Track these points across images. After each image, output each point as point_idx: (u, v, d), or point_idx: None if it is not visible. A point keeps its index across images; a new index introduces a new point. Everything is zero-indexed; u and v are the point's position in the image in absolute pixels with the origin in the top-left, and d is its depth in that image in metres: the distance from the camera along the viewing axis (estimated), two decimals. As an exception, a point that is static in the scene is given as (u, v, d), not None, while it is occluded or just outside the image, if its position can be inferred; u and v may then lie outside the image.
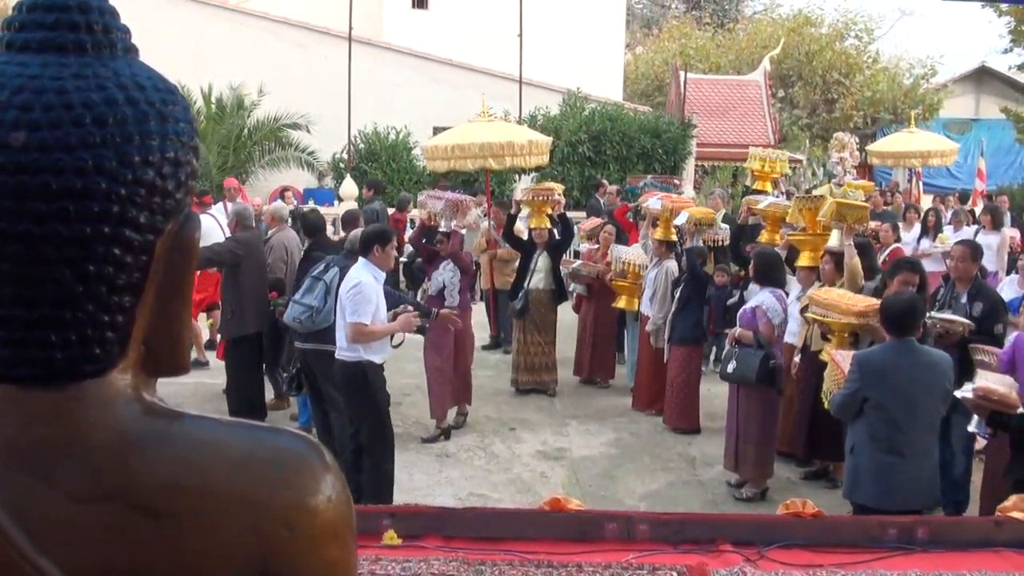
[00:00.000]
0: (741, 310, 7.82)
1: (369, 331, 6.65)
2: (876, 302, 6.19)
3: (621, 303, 10.15)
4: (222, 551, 0.95)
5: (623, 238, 11.36)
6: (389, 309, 6.96)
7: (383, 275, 6.83)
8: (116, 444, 0.95)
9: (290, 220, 10.50)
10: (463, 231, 9.43)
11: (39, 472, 0.93)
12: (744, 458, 7.53)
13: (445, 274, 8.87)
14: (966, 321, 6.86)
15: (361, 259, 6.83)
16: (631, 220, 12.59)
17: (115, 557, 0.92)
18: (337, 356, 6.85)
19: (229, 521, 0.95)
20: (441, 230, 9.13)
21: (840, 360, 5.99)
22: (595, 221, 13.46)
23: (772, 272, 7.74)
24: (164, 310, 1.01)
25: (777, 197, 10.55)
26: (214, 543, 0.94)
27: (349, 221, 9.69)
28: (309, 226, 9.17)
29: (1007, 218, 15.29)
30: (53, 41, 0.94)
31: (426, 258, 9.36)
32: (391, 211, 15.74)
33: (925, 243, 13.13)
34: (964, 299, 7.25)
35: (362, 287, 6.57)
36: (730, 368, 7.48)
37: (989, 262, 12.44)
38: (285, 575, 0.98)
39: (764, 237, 9.23)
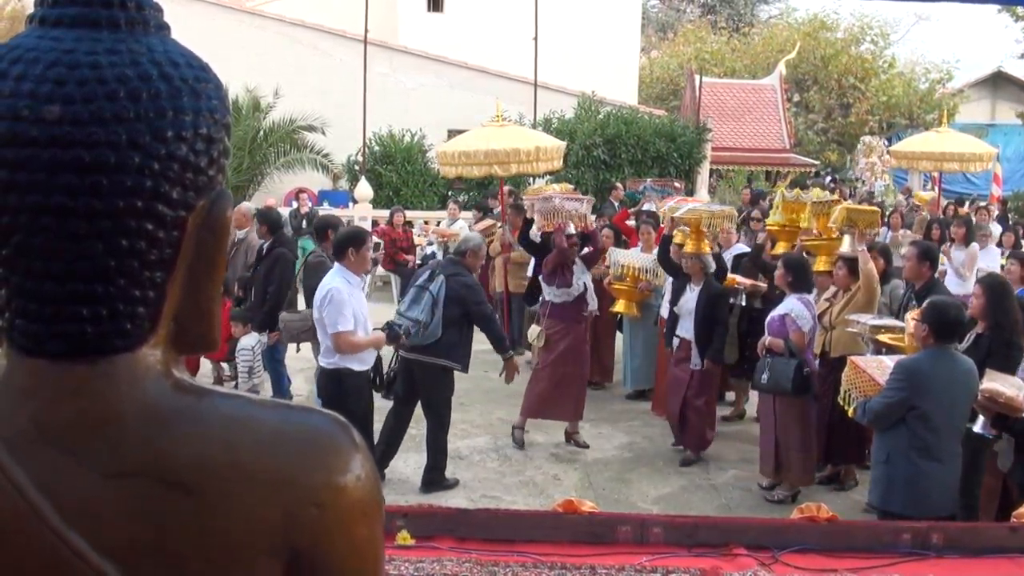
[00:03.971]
0: (769, 317, 7.65)
1: (354, 341, 6.52)
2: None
3: (619, 307, 10.10)
4: (250, 528, 0.95)
5: (623, 244, 11.33)
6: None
7: (358, 280, 6.68)
8: (146, 420, 0.96)
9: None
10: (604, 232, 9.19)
11: (68, 447, 0.93)
12: (788, 465, 7.43)
13: (585, 277, 8.70)
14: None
15: (336, 264, 6.69)
16: (632, 225, 12.54)
17: (143, 532, 0.93)
18: (319, 362, 6.77)
19: (258, 498, 0.95)
20: (569, 232, 8.85)
21: (864, 365, 5.89)
22: (487, 222, 13.56)
23: (801, 278, 7.61)
24: (195, 287, 1.01)
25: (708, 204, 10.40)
26: (242, 520, 0.95)
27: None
28: (270, 222, 9.44)
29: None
30: (87, 16, 0.95)
31: (563, 265, 8.72)
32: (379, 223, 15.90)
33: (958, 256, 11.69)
34: (914, 300, 7.28)
35: (333, 294, 6.42)
36: (764, 378, 7.36)
37: (953, 283, 10.93)
38: (314, 553, 0.98)
39: (689, 247, 8.54)
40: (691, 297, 8.29)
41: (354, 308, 6.55)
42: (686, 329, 8.32)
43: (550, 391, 8.74)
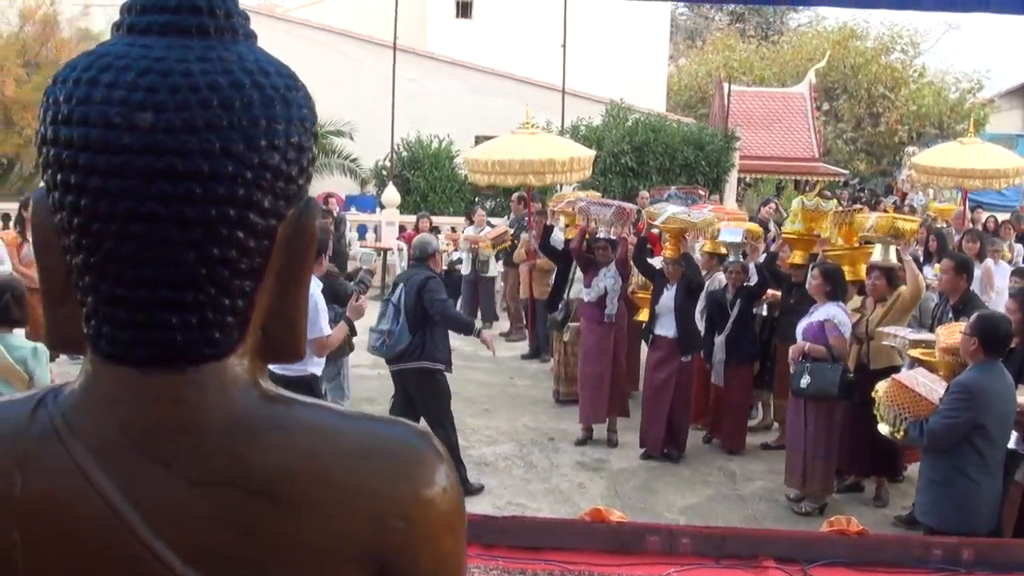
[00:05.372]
0: (807, 324, 7.53)
1: (331, 340, 6.55)
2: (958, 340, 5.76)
3: (644, 315, 10.03)
4: (336, 539, 0.95)
5: (647, 251, 11.26)
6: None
7: (319, 284, 6.72)
8: (233, 429, 0.95)
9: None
10: (632, 238, 9.29)
11: (155, 455, 0.93)
12: (813, 474, 7.36)
13: (606, 281, 8.83)
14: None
15: None
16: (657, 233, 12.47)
17: (229, 541, 0.93)
18: (280, 372, 6.75)
19: (344, 510, 0.95)
20: (601, 236, 9.09)
21: (911, 384, 5.63)
22: (500, 228, 13.54)
23: (839, 286, 7.55)
24: (283, 296, 1.01)
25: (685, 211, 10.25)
26: (328, 531, 0.94)
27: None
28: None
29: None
30: (176, 24, 0.94)
31: (583, 266, 9.19)
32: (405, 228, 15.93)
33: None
34: (951, 314, 7.19)
35: (317, 301, 6.38)
36: (804, 383, 7.22)
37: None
38: (400, 565, 0.97)
39: (668, 251, 8.75)
40: (669, 296, 8.51)
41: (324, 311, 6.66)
42: (664, 327, 8.54)
43: (580, 392, 9.15)
